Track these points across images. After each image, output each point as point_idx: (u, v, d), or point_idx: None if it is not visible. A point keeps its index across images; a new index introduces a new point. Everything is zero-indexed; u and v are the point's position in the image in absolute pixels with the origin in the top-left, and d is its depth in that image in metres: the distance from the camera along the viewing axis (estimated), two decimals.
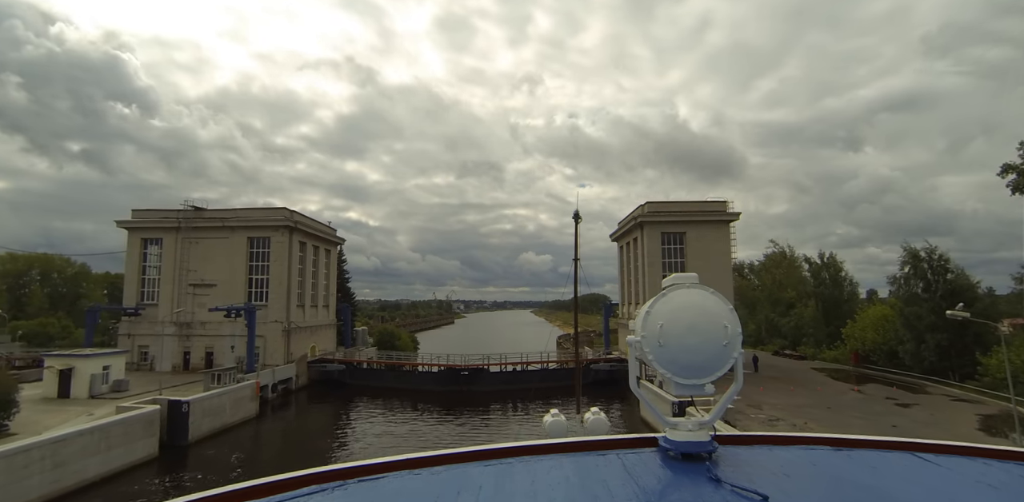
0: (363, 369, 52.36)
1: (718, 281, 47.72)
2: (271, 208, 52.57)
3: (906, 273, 42.91)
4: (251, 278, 49.60)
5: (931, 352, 39.94)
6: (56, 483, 21.96)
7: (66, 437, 22.78)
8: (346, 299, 67.86)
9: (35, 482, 21.06)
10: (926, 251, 42.07)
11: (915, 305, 41.18)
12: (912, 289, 42.34)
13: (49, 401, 31.73)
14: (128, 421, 26.49)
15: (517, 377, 49.14)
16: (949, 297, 39.32)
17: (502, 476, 2.78)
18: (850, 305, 57.26)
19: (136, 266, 50.48)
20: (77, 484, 23.00)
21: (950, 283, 40.59)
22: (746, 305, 70.56)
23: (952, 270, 41.10)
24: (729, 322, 3.03)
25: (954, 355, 38.92)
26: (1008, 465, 3.01)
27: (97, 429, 24.44)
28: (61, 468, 22.25)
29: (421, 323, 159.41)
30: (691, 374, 3.04)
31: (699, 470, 2.74)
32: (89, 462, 23.72)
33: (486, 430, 36.65)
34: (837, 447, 3.25)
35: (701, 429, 2.96)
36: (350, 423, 39.58)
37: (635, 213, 53.13)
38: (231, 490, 2.45)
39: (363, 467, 2.78)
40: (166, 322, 47.06)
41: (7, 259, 68.68)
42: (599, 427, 14.26)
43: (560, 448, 3.16)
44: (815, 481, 2.82)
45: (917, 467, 2.99)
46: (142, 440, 27.17)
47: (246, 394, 36.81)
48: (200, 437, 31.15)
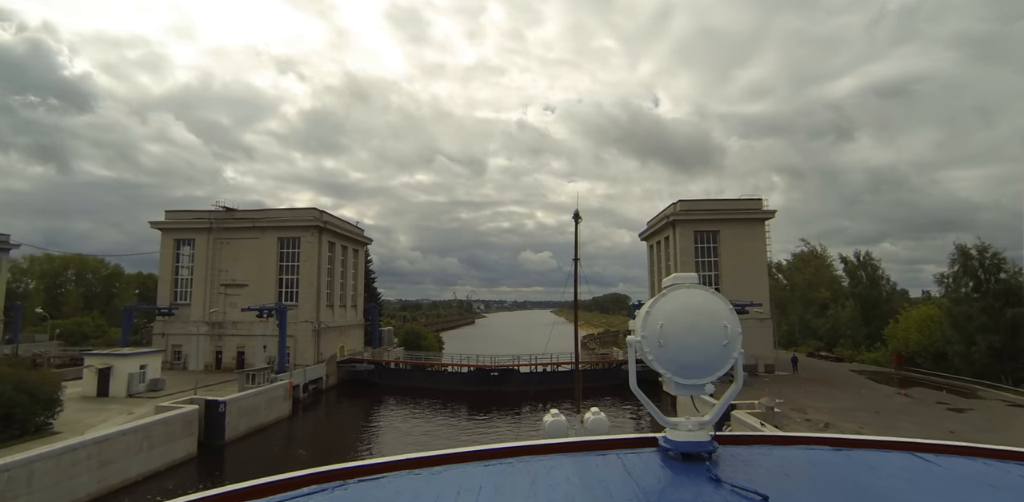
0: (391, 369, 52.32)
1: (754, 280, 46.53)
2: (301, 208, 52.79)
3: (955, 272, 41.25)
4: (281, 278, 49.85)
5: (982, 354, 38.29)
6: (102, 482, 22.09)
7: (110, 436, 22.90)
8: (372, 299, 68.00)
9: (83, 481, 21.19)
10: (977, 249, 40.40)
11: (965, 305, 39.56)
12: (961, 288, 40.70)
13: (88, 400, 32.10)
14: (168, 421, 26.60)
15: (547, 378, 48.58)
16: (1002, 296, 37.77)
17: (502, 476, 2.79)
18: (890, 305, 55.47)
19: (169, 266, 51.16)
20: (122, 483, 23.14)
21: (1003, 282, 38.88)
22: (777, 305, 68.93)
23: (1006, 269, 39.36)
24: (729, 322, 3.02)
25: (1007, 358, 37.27)
26: (1008, 465, 3.00)
27: (140, 428, 24.56)
28: (107, 467, 22.37)
29: (443, 323, 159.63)
30: (691, 374, 3.04)
31: (699, 470, 2.74)
32: (132, 461, 23.85)
33: (517, 430, 36.19)
34: (837, 447, 3.25)
35: (701, 429, 2.95)
36: (380, 422, 39.49)
37: (667, 212, 52.10)
38: (231, 490, 2.46)
39: (363, 467, 2.78)
40: (199, 322, 47.50)
41: (44, 260, 70.45)
42: (599, 427, 14.14)
43: (560, 448, 3.16)
44: (815, 481, 2.82)
45: (917, 467, 2.99)
46: (182, 439, 27.28)
47: (280, 394, 36.87)
48: (236, 436, 31.22)
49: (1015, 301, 37.50)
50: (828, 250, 70.21)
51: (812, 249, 71.56)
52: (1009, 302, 37.33)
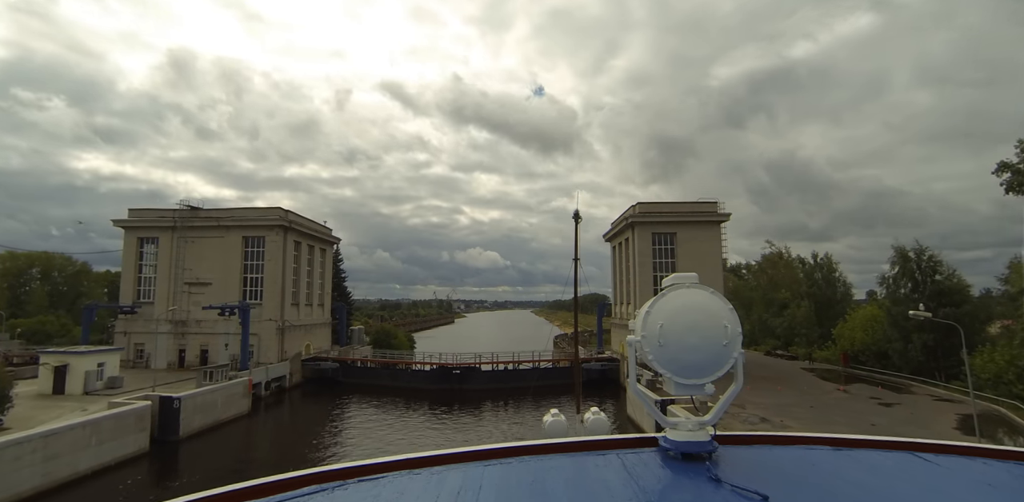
0: (357, 367, 52.84)
1: (710, 282, 47.30)
2: (266, 208, 53.08)
3: (895, 273, 43.20)
4: (246, 277, 50.12)
5: (918, 352, 40.26)
6: (48, 476, 22.48)
7: (57, 431, 23.29)
8: (342, 298, 68.36)
9: (26, 474, 21.57)
10: (915, 251, 42.37)
11: (903, 305, 41.45)
12: (900, 289, 42.64)
13: (44, 397, 32.22)
14: (119, 416, 26.99)
15: (509, 376, 49.55)
16: (937, 297, 39.62)
17: (502, 476, 2.77)
18: (842, 306, 57.50)
19: (133, 265, 51.07)
20: (69, 477, 23.52)
21: (939, 284, 40.86)
22: (742, 305, 70.79)
23: (941, 271, 41.35)
24: (729, 322, 3.03)
25: (941, 355, 39.23)
26: (1008, 465, 2.99)
27: (88, 424, 24.94)
28: (53, 461, 22.77)
29: (420, 322, 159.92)
30: (691, 374, 3.03)
31: (699, 470, 2.73)
32: (80, 456, 24.24)
33: (476, 429, 37.06)
34: (837, 447, 3.24)
35: (701, 429, 2.96)
36: (341, 420, 40.05)
37: (627, 214, 53.51)
38: (231, 490, 2.45)
39: (363, 467, 2.77)
40: (162, 320, 47.55)
41: (7, 257, 69.22)
42: (599, 427, 14.42)
43: (560, 448, 3.14)
44: (815, 481, 2.79)
45: (917, 467, 2.97)
46: (133, 435, 27.67)
47: (238, 391, 37.31)
48: (191, 432, 31.64)
49: (948, 301, 39.45)
50: (792, 251, 72.30)
51: (778, 250, 73.68)
52: (943, 302, 39.21)
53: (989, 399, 31.27)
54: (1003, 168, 32.61)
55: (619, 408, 41.00)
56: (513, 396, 44.98)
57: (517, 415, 41.01)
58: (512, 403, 44.23)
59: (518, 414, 41.27)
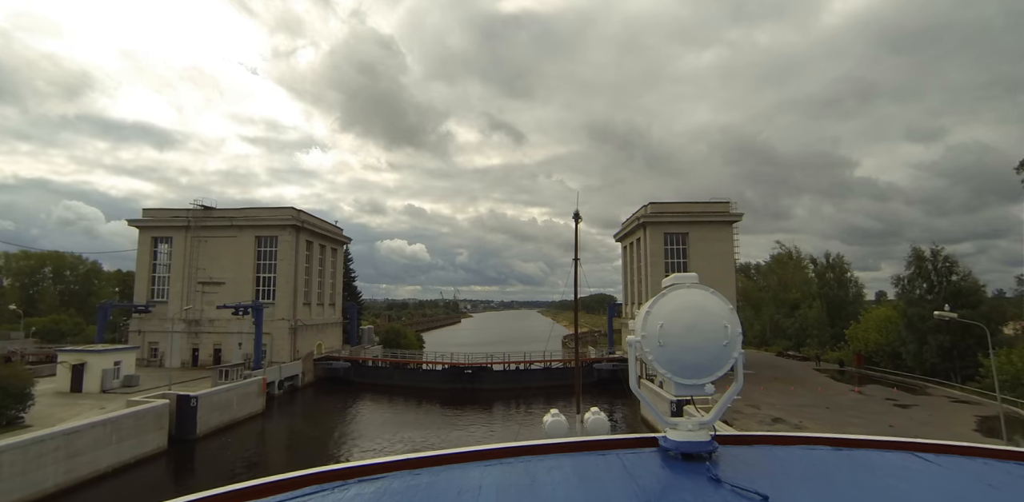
0: (368, 367, 53.03)
1: (721, 282, 47.84)
2: (278, 208, 53.29)
3: (910, 274, 42.91)
4: (258, 276, 50.36)
5: (933, 354, 39.96)
6: (70, 473, 22.65)
7: (79, 429, 23.48)
8: (352, 298, 68.58)
9: (50, 472, 21.77)
10: (931, 252, 42.09)
11: (918, 306, 41.19)
12: (916, 290, 42.36)
13: (62, 395, 32.53)
14: (139, 414, 27.18)
15: (520, 376, 49.57)
16: (953, 299, 39.30)
17: (502, 476, 2.78)
18: (855, 306, 57.21)
19: (147, 264, 51.43)
20: (90, 474, 23.71)
21: (954, 285, 40.56)
22: (752, 306, 70.58)
23: (957, 271, 41.07)
24: (729, 322, 3.03)
25: (956, 357, 38.93)
26: (1008, 465, 3.00)
27: (109, 422, 25.14)
28: (74, 459, 22.95)
29: (428, 322, 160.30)
30: (691, 374, 3.04)
31: (699, 470, 2.73)
32: (101, 453, 24.42)
33: (489, 427, 37.11)
34: (837, 447, 3.25)
35: (701, 429, 2.97)
36: (355, 419, 40.20)
37: (638, 213, 53.42)
38: (231, 490, 2.46)
39: (363, 467, 2.78)
40: (175, 319, 47.86)
41: (20, 257, 69.95)
42: (599, 427, 14.37)
43: (560, 448, 3.16)
44: (815, 481, 2.80)
45: (917, 467, 2.98)
46: (152, 433, 27.86)
47: (253, 390, 37.50)
48: (208, 431, 31.84)
49: (965, 302, 39.13)
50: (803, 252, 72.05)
51: (788, 251, 73.40)
52: (959, 303, 38.90)
53: (1008, 401, 30.99)
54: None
55: (632, 409, 40.89)
56: (524, 396, 44.95)
57: (529, 415, 41.01)
58: (524, 403, 44.24)
59: (529, 414, 41.26)
